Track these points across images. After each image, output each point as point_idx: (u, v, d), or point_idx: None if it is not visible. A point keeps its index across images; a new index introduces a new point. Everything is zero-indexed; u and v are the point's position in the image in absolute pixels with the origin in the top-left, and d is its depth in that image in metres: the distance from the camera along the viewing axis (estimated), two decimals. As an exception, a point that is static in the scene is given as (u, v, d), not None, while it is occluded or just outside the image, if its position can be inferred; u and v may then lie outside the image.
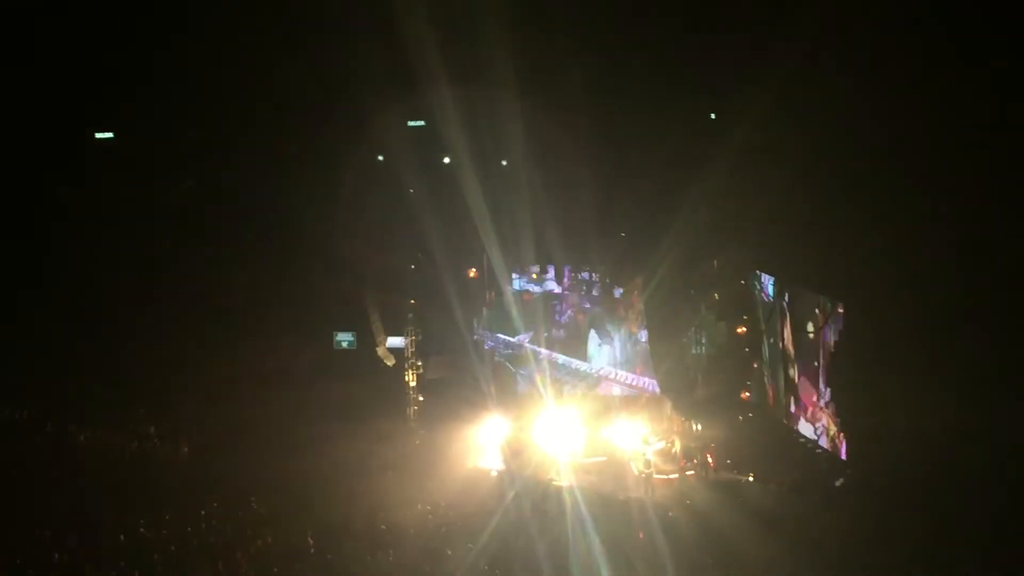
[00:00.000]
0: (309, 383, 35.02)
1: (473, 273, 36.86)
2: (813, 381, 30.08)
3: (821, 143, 27.00)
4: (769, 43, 27.10)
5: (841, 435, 28.53)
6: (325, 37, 33.49)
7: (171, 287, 36.44)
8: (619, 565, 23.55)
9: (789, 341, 31.55)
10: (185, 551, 24.01)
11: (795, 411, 31.33)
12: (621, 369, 35.50)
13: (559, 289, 36.35)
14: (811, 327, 29.93)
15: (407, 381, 35.25)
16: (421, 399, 35.19)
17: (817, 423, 29.95)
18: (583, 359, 35.96)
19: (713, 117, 32.02)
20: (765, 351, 33.12)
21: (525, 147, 33.05)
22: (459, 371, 36.36)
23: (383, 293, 36.85)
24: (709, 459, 31.17)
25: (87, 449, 31.30)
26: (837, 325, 28.35)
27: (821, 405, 29.65)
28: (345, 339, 37.34)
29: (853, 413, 27.75)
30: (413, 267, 36.92)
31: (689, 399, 33.77)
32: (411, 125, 36.34)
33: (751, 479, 30.04)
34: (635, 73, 31.05)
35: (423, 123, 35.92)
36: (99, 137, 37.67)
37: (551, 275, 36.25)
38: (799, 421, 31.04)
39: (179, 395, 34.55)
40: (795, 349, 31.27)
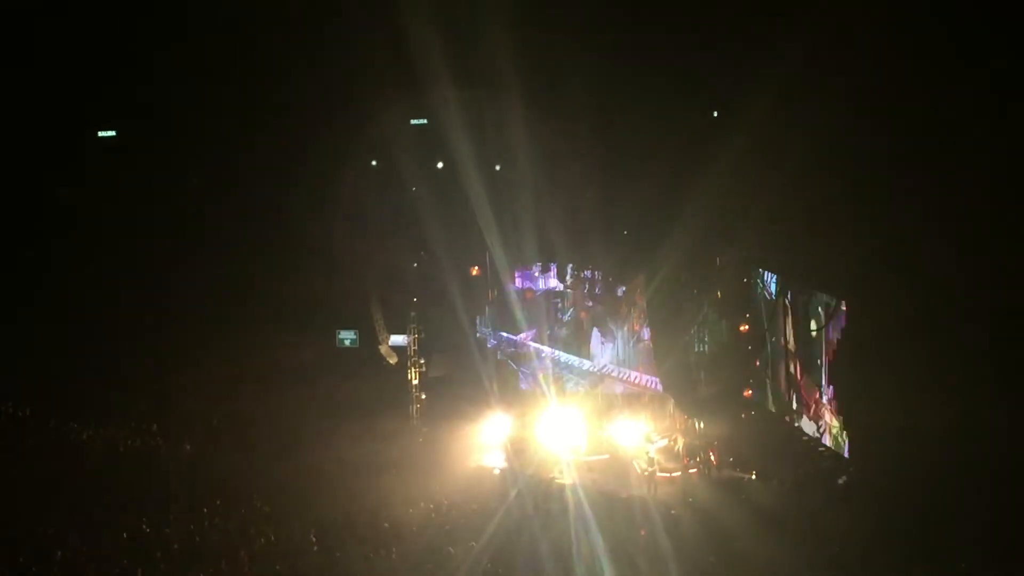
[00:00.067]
0: (312, 381, 35.13)
1: (476, 271, 36.89)
2: (815, 379, 30.06)
3: (821, 143, 26.97)
4: (769, 43, 27.08)
5: (844, 433, 28.53)
6: (326, 36, 33.54)
7: (173, 285, 36.54)
8: (622, 563, 23.51)
9: (791, 339, 31.55)
10: (187, 549, 24.02)
11: (797, 409, 31.31)
12: (623, 367, 35.50)
13: (561, 287, 36.38)
14: (814, 325, 29.94)
15: (410, 379, 35.16)
16: (424, 397, 35.10)
17: (820, 421, 29.94)
18: (586, 357, 36.00)
19: (716, 115, 32.02)
20: (767, 349, 33.10)
21: (527, 146, 33.01)
22: (462, 369, 36.42)
23: (386, 291, 36.91)
24: (712, 457, 31.17)
25: (89, 447, 31.34)
26: (839, 323, 28.36)
27: (824, 403, 29.63)
28: (348, 337, 37.41)
29: (855, 411, 27.76)
30: (416, 265, 36.96)
31: (692, 397, 33.73)
32: (414, 123, 36.38)
33: (753, 477, 30.02)
34: (637, 73, 31.01)
35: (425, 121, 35.95)
36: (101, 135, 37.71)
37: (554, 273, 36.29)
38: (802, 419, 31.03)
39: (181, 393, 34.63)
40: (797, 347, 31.25)
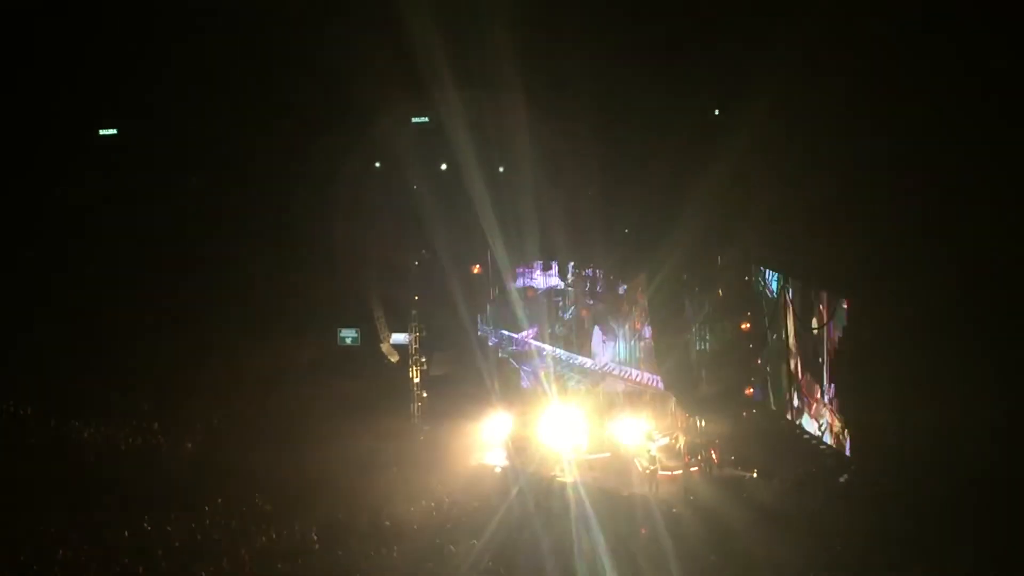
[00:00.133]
0: (313, 380, 35.12)
1: (477, 269, 36.89)
2: (817, 377, 30.06)
3: (821, 143, 26.97)
4: (769, 43, 27.07)
5: (845, 431, 28.54)
6: (328, 35, 33.53)
7: (174, 285, 36.56)
8: (623, 561, 23.52)
9: (793, 337, 31.55)
10: (189, 547, 24.11)
11: (799, 407, 31.33)
12: (625, 365, 35.49)
13: (563, 285, 36.38)
14: (815, 323, 29.95)
15: (411, 377, 35.14)
16: (425, 395, 35.09)
17: (821, 419, 29.95)
18: (587, 355, 35.97)
19: (717, 113, 32.05)
20: (768, 347, 33.10)
21: (528, 145, 33.00)
22: (463, 367, 36.43)
23: (387, 289, 36.90)
24: (713, 455, 31.08)
25: (91, 446, 31.42)
26: (840, 322, 28.37)
27: (825, 401, 29.64)
28: (349, 336, 37.42)
29: (856, 409, 27.77)
30: (417, 263, 36.94)
31: (693, 395, 33.68)
32: (415, 121, 36.37)
33: (755, 475, 29.96)
34: (637, 73, 31.02)
35: (427, 119, 35.94)
36: (103, 134, 37.72)
37: (555, 271, 36.29)
38: (803, 417, 31.05)
39: (183, 391, 34.67)
40: (799, 345, 31.26)
